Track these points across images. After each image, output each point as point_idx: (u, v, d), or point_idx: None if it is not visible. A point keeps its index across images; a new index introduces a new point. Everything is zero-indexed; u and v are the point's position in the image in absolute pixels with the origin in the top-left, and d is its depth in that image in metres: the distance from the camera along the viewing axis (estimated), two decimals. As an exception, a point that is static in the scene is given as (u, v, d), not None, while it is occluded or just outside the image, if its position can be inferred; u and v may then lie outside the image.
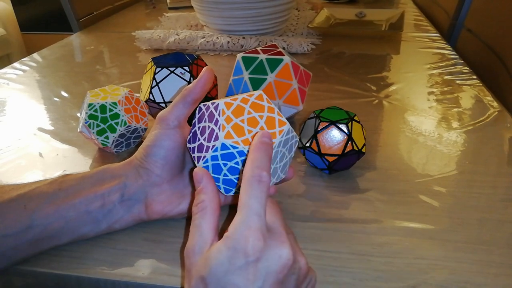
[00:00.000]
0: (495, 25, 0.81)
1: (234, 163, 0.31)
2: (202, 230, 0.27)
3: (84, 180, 0.34)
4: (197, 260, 0.26)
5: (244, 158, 0.31)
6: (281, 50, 0.49)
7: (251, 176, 0.26)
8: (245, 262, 0.24)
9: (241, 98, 0.32)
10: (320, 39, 0.88)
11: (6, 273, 0.33)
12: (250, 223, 0.25)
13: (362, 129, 0.41)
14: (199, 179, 0.30)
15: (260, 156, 0.27)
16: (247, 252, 0.24)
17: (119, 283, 0.32)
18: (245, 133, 0.30)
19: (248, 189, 0.26)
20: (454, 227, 0.36)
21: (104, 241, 0.35)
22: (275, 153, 0.31)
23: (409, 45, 0.85)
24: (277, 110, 0.32)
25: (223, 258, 0.24)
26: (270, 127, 0.31)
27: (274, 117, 0.32)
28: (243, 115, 0.31)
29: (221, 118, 0.31)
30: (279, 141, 0.31)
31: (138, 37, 0.88)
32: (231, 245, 0.25)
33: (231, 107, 0.31)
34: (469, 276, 0.31)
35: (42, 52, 0.86)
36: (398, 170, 0.44)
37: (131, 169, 0.35)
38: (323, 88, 0.65)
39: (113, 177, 0.34)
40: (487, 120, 0.54)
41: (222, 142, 0.30)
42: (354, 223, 0.37)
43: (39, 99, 0.64)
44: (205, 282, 0.25)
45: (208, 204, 0.28)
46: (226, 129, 0.30)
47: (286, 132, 0.31)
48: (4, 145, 0.50)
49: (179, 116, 0.34)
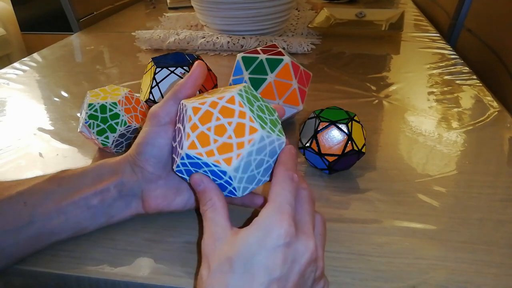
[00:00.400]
0: (495, 25, 0.81)
1: (203, 171, 0.30)
2: (216, 221, 0.28)
3: (83, 177, 0.34)
4: (219, 245, 0.26)
5: (210, 169, 0.29)
6: (281, 50, 0.49)
7: (285, 174, 0.28)
8: (276, 245, 0.25)
9: (210, 101, 0.30)
10: (320, 39, 0.88)
11: (6, 273, 0.33)
12: (283, 209, 0.26)
13: (362, 129, 0.41)
14: (199, 182, 0.30)
15: (291, 160, 0.30)
16: (280, 235, 0.25)
17: (119, 283, 0.32)
18: (210, 143, 0.29)
19: (281, 183, 0.27)
20: (454, 227, 0.36)
21: (104, 241, 0.35)
22: (246, 162, 0.29)
23: (409, 45, 0.85)
24: (249, 115, 0.29)
25: (253, 240, 0.25)
26: (239, 135, 0.29)
27: (244, 124, 0.29)
28: (210, 121, 0.29)
29: (187, 125, 0.29)
30: (248, 151, 0.29)
31: (138, 37, 0.88)
32: (263, 227, 0.25)
33: (198, 113, 0.29)
34: (469, 276, 0.31)
35: (42, 52, 0.86)
36: (398, 170, 0.44)
37: (126, 166, 0.35)
38: (323, 88, 0.65)
39: (111, 173, 0.34)
40: (487, 120, 0.54)
41: (185, 152, 0.29)
42: (354, 223, 0.37)
43: (39, 99, 0.64)
44: (231, 262, 0.25)
45: (216, 201, 0.29)
46: (190, 139, 0.29)
47: (258, 140, 0.29)
48: (4, 145, 0.50)
49: (170, 112, 0.33)
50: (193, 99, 0.32)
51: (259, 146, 0.29)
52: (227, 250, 0.26)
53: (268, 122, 0.31)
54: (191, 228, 0.36)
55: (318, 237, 0.28)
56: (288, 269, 0.25)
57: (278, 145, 0.31)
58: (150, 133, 0.34)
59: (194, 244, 0.35)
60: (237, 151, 0.28)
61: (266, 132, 0.29)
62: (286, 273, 0.25)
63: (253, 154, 0.29)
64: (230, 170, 0.28)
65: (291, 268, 0.25)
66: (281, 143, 0.31)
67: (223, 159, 0.28)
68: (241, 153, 0.28)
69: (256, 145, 0.29)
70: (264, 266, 0.24)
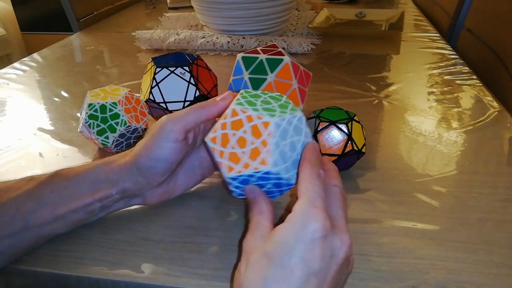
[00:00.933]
0: (495, 25, 0.81)
1: (252, 182, 0.31)
2: (261, 222, 0.28)
3: (78, 182, 0.33)
4: (259, 242, 0.27)
5: (256, 177, 0.31)
6: (281, 50, 0.49)
7: (313, 170, 0.28)
8: (313, 238, 0.25)
9: (220, 125, 0.31)
10: (320, 39, 0.88)
11: (6, 273, 0.33)
12: (316, 203, 0.26)
13: (362, 129, 0.41)
14: (250, 192, 0.31)
15: (316, 158, 0.30)
16: (316, 229, 0.25)
17: (119, 283, 0.32)
18: (240, 158, 0.30)
19: (310, 179, 0.27)
20: (454, 227, 0.36)
21: (104, 241, 0.35)
22: (280, 152, 0.30)
23: (409, 45, 0.85)
24: (255, 114, 0.30)
25: (289, 234, 0.25)
26: (258, 135, 0.30)
27: (256, 124, 0.30)
28: (230, 141, 0.30)
29: (215, 155, 0.31)
30: (274, 143, 0.30)
31: (138, 37, 0.88)
32: (297, 221, 0.25)
33: (216, 140, 0.31)
34: (469, 276, 0.31)
35: (42, 52, 0.86)
36: (398, 170, 0.44)
37: (128, 175, 0.33)
38: (323, 88, 0.65)
39: (110, 182, 0.33)
40: (487, 120, 0.54)
41: (228, 177, 0.31)
42: (354, 223, 0.37)
43: (39, 99, 0.64)
44: (268, 257, 0.25)
45: (263, 205, 0.30)
46: (224, 164, 0.31)
47: (275, 128, 0.30)
48: (4, 145, 0.50)
49: (187, 129, 0.32)
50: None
51: (280, 133, 0.30)
52: (265, 245, 0.26)
53: (277, 108, 0.31)
54: (191, 228, 0.36)
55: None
56: (326, 263, 0.25)
57: (297, 120, 0.31)
58: (163, 149, 0.32)
59: (194, 244, 0.35)
60: (265, 149, 0.29)
61: (277, 118, 0.30)
62: (325, 267, 0.25)
63: (280, 142, 0.30)
64: (270, 168, 0.29)
65: (329, 262, 0.25)
66: (299, 118, 0.31)
67: (259, 163, 0.30)
68: (269, 148, 0.29)
69: (277, 134, 0.30)
70: (302, 260, 0.24)
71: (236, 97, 0.32)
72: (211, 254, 0.34)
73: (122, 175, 0.33)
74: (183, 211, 0.38)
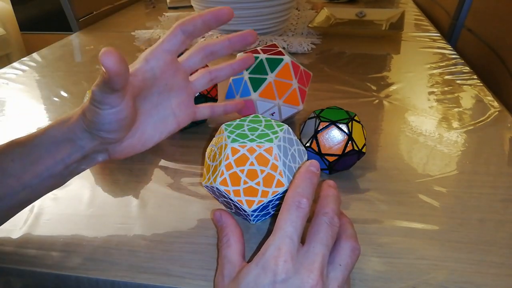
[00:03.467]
0: (496, 25, 0.81)
1: (225, 200, 0.33)
2: (229, 258, 0.29)
3: (36, 147, 0.32)
4: (227, 282, 0.27)
5: (233, 202, 0.32)
6: (281, 50, 0.49)
7: (291, 201, 0.27)
8: (273, 281, 0.25)
9: (249, 146, 0.32)
10: (320, 38, 0.88)
11: (6, 273, 0.33)
12: (281, 245, 0.26)
13: (362, 129, 0.41)
14: (218, 219, 0.33)
15: (304, 184, 0.28)
16: (276, 272, 0.25)
17: (118, 283, 0.32)
18: (240, 184, 0.31)
19: (285, 213, 0.27)
20: (454, 227, 0.36)
21: (104, 241, 0.35)
22: (264, 206, 0.32)
23: (409, 45, 0.85)
24: (281, 169, 0.31)
25: (251, 277, 0.25)
26: (267, 185, 0.31)
27: (274, 176, 0.31)
28: (244, 165, 0.31)
29: (224, 163, 0.32)
30: (269, 200, 0.32)
31: (137, 37, 0.88)
32: (260, 264, 0.26)
33: (236, 154, 0.32)
34: (469, 276, 0.31)
35: (42, 52, 0.86)
36: (399, 170, 0.44)
37: (82, 132, 0.32)
38: (323, 88, 0.65)
39: (67, 140, 0.32)
40: (487, 120, 0.54)
41: (217, 186, 0.32)
42: (354, 223, 0.36)
43: (39, 99, 0.64)
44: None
45: (230, 236, 0.31)
46: (224, 176, 0.32)
47: (281, 193, 0.31)
48: (3, 145, 0.50)
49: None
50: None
51: (282, 152, 0.32)
52: (232, 287, 0.27)
53: (266, 130, 0.34)
54: (191, 228, 0.36)
55: (337, 268, 0.26)
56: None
57: (287, 133, 0.34)
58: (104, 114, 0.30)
59: (194, 244, 0.35)
60: (260, 198, 0.31)
61: (275, 140, 0.32)
62: None
63: (285, 160, 0.32)
64: (249, 211, 0.32)
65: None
66: (287, 130, 0.34)
67: (246, 201, 0.31)
68: (263, 200, 0.31)
69: (281, 155, 0.32)
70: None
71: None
72: (211, 254, 0.33)
73: (77, 133, 0.32)
74: (183, 211, 0.38)
